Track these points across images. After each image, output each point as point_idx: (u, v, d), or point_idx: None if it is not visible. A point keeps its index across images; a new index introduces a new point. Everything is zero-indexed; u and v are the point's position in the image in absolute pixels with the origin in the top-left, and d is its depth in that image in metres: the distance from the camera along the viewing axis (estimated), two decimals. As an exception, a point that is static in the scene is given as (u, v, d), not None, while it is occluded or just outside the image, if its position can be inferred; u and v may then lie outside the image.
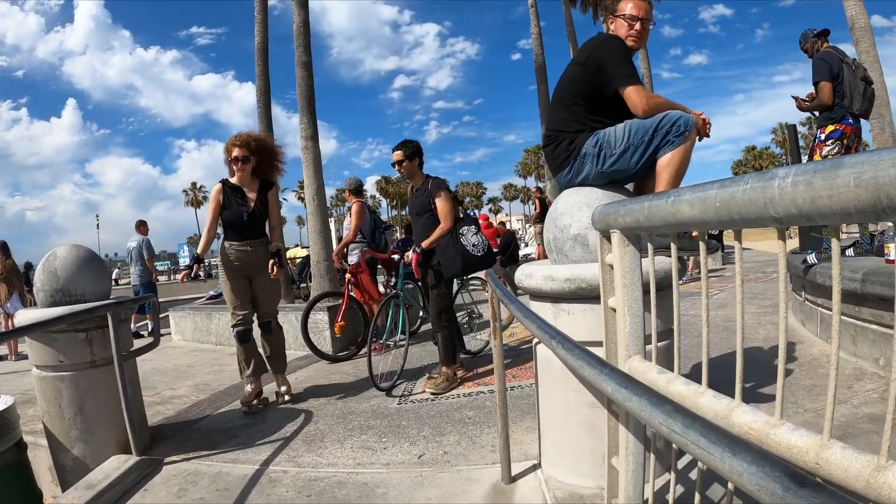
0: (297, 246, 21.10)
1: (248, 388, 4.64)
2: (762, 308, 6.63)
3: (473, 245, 4.74)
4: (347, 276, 6.22)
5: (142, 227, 10.38)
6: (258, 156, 4.67)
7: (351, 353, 6.20)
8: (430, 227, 4.78)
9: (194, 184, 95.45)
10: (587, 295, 2.42)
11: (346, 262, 6.44)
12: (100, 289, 3.87)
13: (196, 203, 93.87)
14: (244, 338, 4.59)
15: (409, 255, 4.77)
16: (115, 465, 3.49)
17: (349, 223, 6.39)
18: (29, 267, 21.65)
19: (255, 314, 4.71)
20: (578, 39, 17.69)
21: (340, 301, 6.19)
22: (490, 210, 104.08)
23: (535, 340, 2.80)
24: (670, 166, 2.69)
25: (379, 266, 6.82)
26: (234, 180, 4.63)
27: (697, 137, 2.76)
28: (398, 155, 4.86)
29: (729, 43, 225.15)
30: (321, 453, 3.51)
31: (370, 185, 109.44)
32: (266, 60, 9.58)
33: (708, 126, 2.81)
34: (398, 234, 9.46)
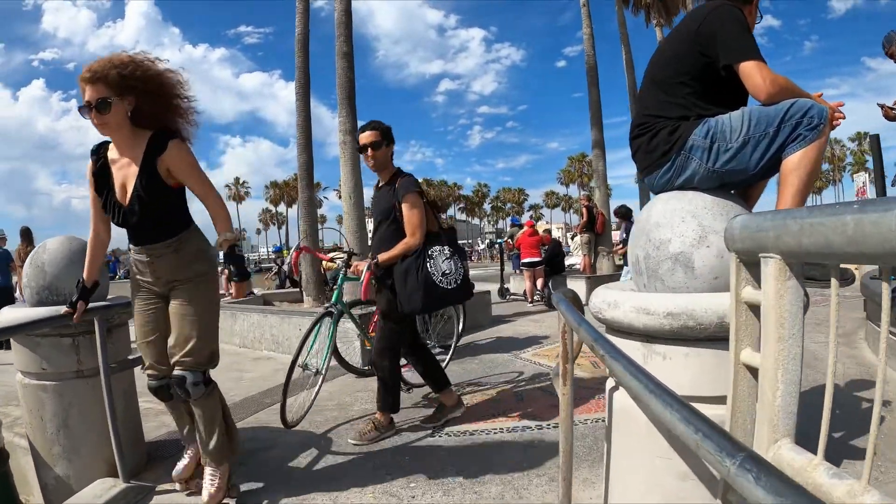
0: (335, 247, 20.79)
1: (183, 461, 3.14)
2: (832, 337, 5.88)
3: (444, 274, 3.59)
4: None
5: None
6: (133, 93, 2.63)
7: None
8: (391, 240, 3.67)
9: (237, 179, 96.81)
10: (694, 336, 1.82)
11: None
12: (93, 287, 3.35)
13: (238, 198, 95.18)
14: (161, 395, 3.00)
15: (360, 267, 3.73)
16: (96, 493, 3.00)
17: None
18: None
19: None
20: (632, 43, 16.96)
21: (374, 311, 5.62)
22: (531, 217, 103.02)
23: (611, 384, 2.18)
24: (801, 168, 2.05)
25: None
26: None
27: None
28: (371, 136, 3.67)
29: (777, 54, 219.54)
30: (337, 498, 2.93)
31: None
32: (307, 52, 9.20)
33: (839, 121, 2.17)
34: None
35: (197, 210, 2.92)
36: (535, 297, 10.87)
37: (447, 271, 3.63)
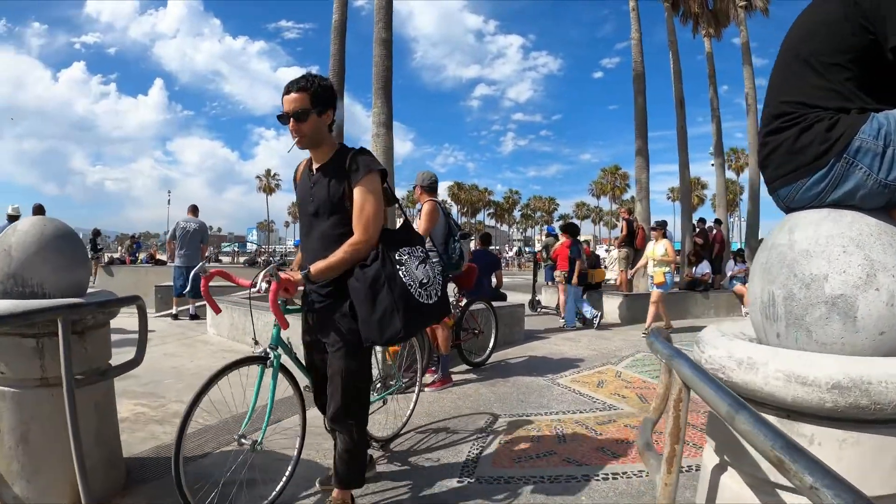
0: None
1: None
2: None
3: (422, 284, 2.58)
4: None
5: (196, 210, 9.82)
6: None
7: (402, 386, 5.01)
8: (335, 241, 2.56)
9: (268, 171, 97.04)
10: (862, 417, 1.30)
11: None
12: (67, 281, 2.81)
13: (268, 189, 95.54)
14: None
15: (263, 284, 2.66)
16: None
17: (417, 226, 5.19)
18: (97, 233, 21.65)
19: None
20: (681, 50, 16.23)
21: None
22: (553, 228, 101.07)
23: (713, 460, 1.58)
24: None
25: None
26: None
27: None
28: (298, 100, 2.51)
29: None
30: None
31: (442, 190, 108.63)
32: (343, 40, 8.69)
33: None
34: (474, 244, 8.29)
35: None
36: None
37: (425, 280, 2.60)
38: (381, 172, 2.61)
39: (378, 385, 3.77)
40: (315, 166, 2.71)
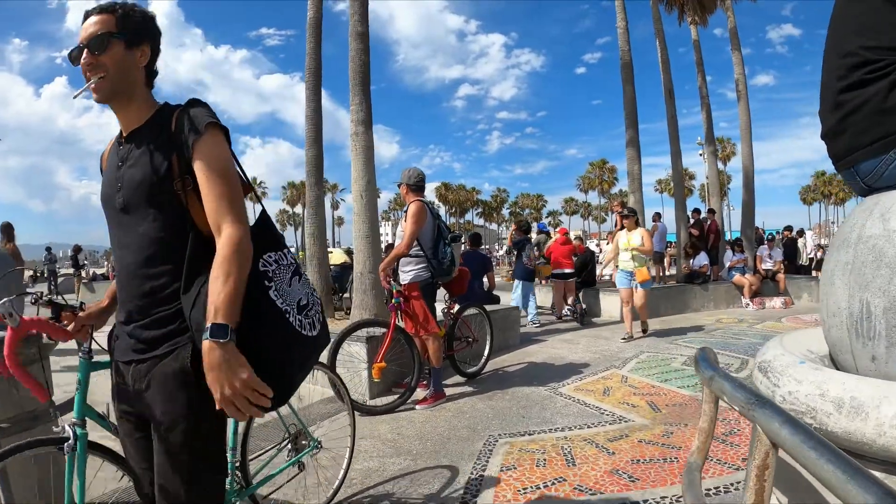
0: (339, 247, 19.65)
1: None
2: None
3: (301, 307, 1.63)
4: (395, 298, 4.67)
5: None
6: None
7: (391, 404, 4.57)
8: (166, 249, 1.58)
9: (254, 179, 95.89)
10: None
11: (396, 280, 4.79)
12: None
13: (255, 198, 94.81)
14: None
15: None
16: None
17: (403, 229, 4.76)
18: (78, 250, 21.14)
19: None
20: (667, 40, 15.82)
21: (385, 333, 4.65)
22: (549, 224, 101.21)
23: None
24: None
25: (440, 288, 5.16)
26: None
27: None
28: (98, 24, 1.59)
29: (797, 64, 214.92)
30: None
31: (429, 191, 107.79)
32: (319, 37, 8.37)
33: None
34: (465, 247, 7.85)
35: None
36: (563, 313, 9.83)
37: (304, 301, 1.65)
38: (224, 131, 1.63)
39: (287, 446, 2.82)
40: (123, 137, 1.69)
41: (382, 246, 9.31)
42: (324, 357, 4.79)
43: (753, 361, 5.83)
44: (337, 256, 10.51)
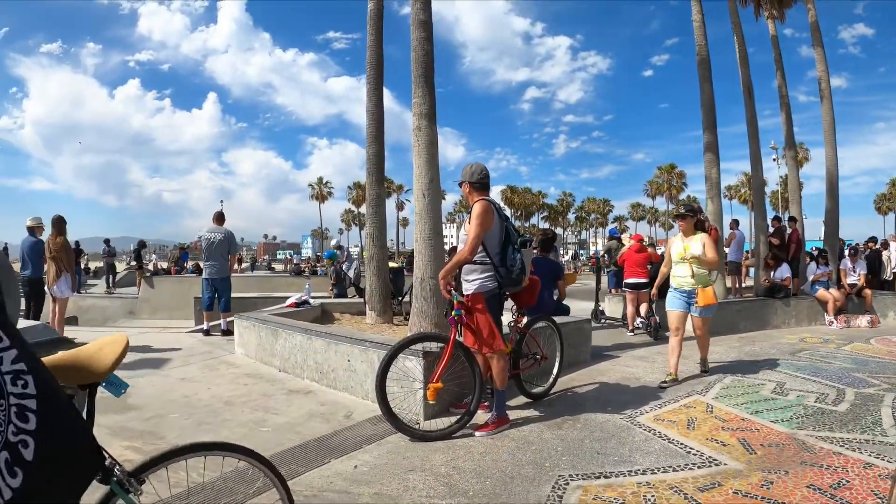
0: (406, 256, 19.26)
1: None
2: None
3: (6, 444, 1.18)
4: (455, 310, 4.12)
5: (222, 218, 9.12)
6: None
7: (447, 430, 4.05)
8: None
9: (320, 179, 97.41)
10: None
11: (458, 289, 4.26)
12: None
13: (321, 197, 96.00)
14: None
15: None
16: None
17: (466, 231, 4.21)
18: (142, 245, 21.44)
19: None
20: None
21: (443, 349, 4.15)
22: (616, 229, 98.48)
23: None
24: None
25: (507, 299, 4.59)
26: None
27: None
28: None
29: (871, 66, 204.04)
30: None
31: (495, 194, 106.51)
32: (379, 29, 7.99)
33: None
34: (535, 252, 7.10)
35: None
36: (636, 325, 9.13)
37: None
38: None
39: None
40: None
41: (446, 248, 8.82)
42: (372, 372, 4.34)
43: (851, 391, 5.12)
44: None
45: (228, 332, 8.22)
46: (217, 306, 8.82)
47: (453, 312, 4.11)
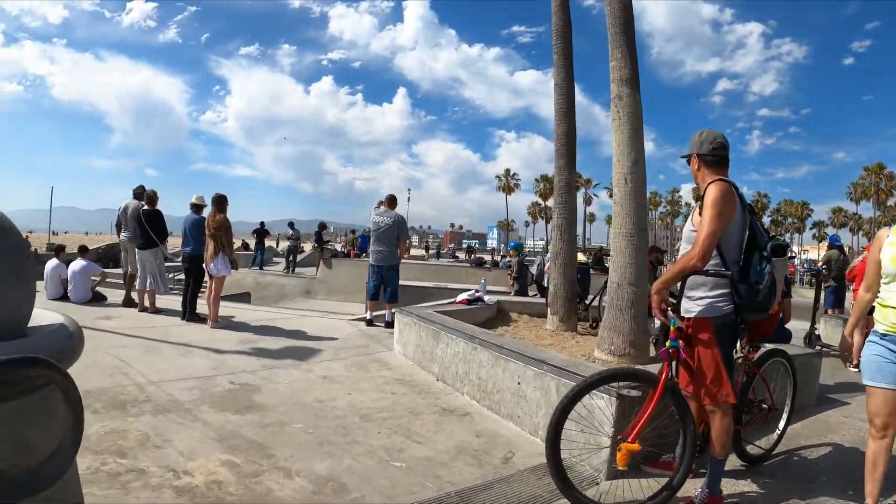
0: (602, 252, 17.94)
1: None
2: None
3: None
4: (671, 340, 2.85)
5: (394, 202, 8.54)
6: None
7: (647, 500, 2.90)
8: None
9: (507, 170, 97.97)
10: None
11: (677, 310, 2.97)
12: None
13: (508, 189, 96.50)
14: None
15: None
16: None
17: (693, 226, 2.95)
18: (323, 227, 21.91)
19: None
20: None
21: (649, 393, 2.94)
22: (814, 237, 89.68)
23: None
24: None
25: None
26: None
27: None
28: None
29: None
30: None
31: (686, 193, 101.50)
32: (567, 9, 6.86)
33: None
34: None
35: None
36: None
37: None
38: None
39: None
40: None
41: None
42: (546, 403, 3.33)
43: None
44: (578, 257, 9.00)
45: (392, 324, 7.59)
46: (382, 296, 8.26)
47: (667, 343, 2.85)
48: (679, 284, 2.98)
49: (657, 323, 3.02)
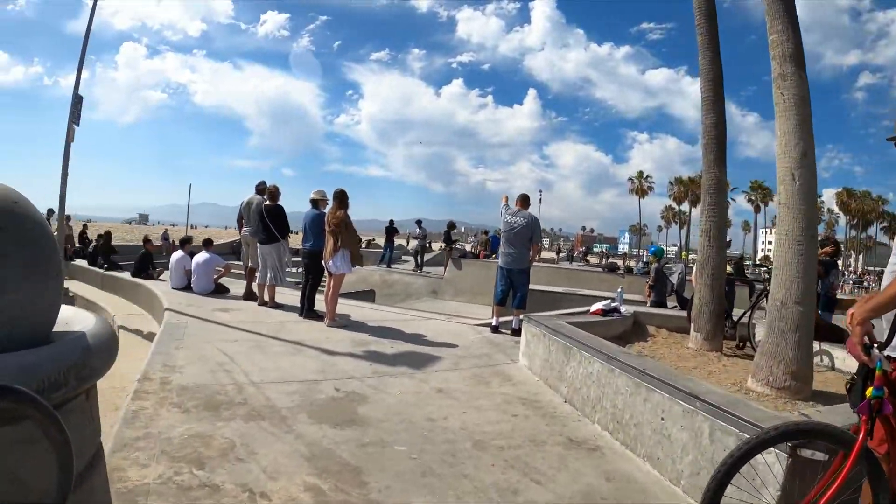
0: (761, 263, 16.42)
1: None
2: None
3: None
4: (875, 389, 2.04)
5: (527, 202, 7.98)
6: None
7: None
8: None
9: (640, 173, 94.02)
10: None
11: (882, 348, 2.10)
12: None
13: (641, 192, 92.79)
14: None
15: None
16: None
17: None
18: (452, 226, 21.79)
19: None
20: None
21: (838, 456, 2.20)
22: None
23: None
24: None
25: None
26: None
27: None
28: None
29: None
30: None
31: (828, 198, 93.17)
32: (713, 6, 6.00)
33: None
34: None
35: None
36: None
37: None
38: None
39: None
40: None
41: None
42: (694, 447, 2.71)
43: None
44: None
45: (519, 331, 7.09)
46: (510, 301, 7.74)
47: (868, 391, 2.07)
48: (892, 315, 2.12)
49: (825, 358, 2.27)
